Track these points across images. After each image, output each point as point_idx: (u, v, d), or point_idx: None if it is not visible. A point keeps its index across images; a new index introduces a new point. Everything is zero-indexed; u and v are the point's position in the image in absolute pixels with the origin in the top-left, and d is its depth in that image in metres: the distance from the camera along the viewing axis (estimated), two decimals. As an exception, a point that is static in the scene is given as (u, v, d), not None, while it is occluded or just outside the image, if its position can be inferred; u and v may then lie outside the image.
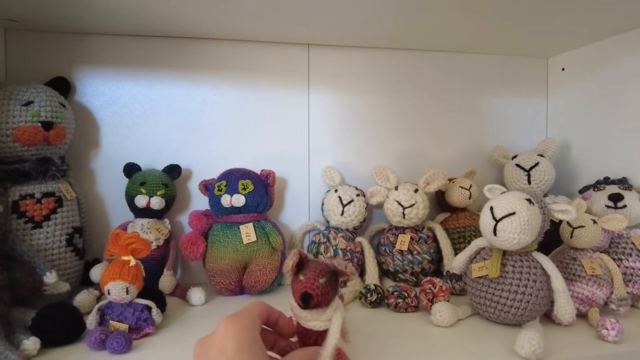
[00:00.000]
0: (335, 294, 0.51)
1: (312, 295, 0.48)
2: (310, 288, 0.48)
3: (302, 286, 0.49)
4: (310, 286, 0.48)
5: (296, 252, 0.51)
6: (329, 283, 0.49)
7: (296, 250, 0.51)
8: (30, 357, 0.57)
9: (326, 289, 0.49)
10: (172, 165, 0.89)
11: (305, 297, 0.48)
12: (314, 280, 0.48)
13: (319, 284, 0.48)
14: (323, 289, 0.48)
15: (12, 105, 0.74)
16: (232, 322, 0.42)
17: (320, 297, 0.48)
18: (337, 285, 0.51)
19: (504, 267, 0.70)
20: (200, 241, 0.84)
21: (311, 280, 0.49)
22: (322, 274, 0.49)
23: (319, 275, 0.49)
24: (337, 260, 0.49)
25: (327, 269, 0.50)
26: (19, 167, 0.75)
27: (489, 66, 1.07)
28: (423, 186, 0.90)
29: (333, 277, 0.50)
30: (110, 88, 0.91)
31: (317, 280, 0.48)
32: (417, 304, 0.78)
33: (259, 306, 0.48)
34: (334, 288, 0.50)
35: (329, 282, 0.49)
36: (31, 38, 0.87)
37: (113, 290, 0.64)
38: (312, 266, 0.50)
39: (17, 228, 0.74)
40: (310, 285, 0.48)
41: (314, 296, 0.48)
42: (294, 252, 0.51)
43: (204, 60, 0.93)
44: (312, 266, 0.50)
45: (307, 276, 0.49)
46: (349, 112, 1.01)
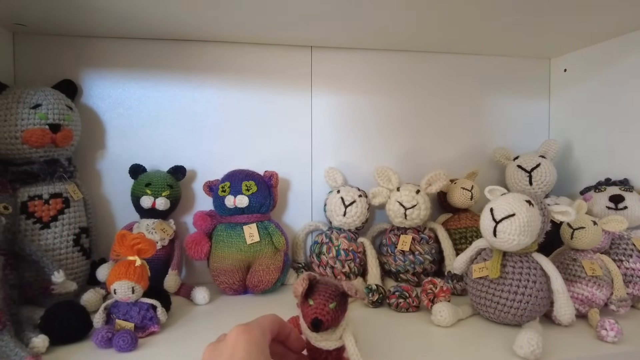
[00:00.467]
0: (344, 315, 0.51)
1: (323, 321, 0.48)
2: (321, 314, 0.48)
3: (312, 312, 0.49)
4: (321, 312, 0.48)
5: (305, 278, 0.51)
6: (338, 307, 0.49)
7: (305, 275, 0.51)
8: (39, 354, 0.58)
9: (336, 314, 0.49)
10: (176, 167, 0.90)
11: (316, 322, 0.48)
12: (323, 305, 0.48)
13: (329, 310, 0.48)
14: (333, 314, 0.49)
15: (20, 108, 0.76)
16: (244, 331, 0.43)
17: (330, 322, 0.49)
18: (346, 306, 0.51)
19: (504, 267, 0.71)
20: (205, 241, 0.85)
21: (321, 305, 0.49)
22: (331, 299, 0.49)
23: (328, 300, 0.49)
24: (347, 284, 0.49)
25: (336, 292, 0.50)
26: (28, 169, 0.77)
27: (491, 67, 1.07)
28: (425, 187, 0.91)
29: (342, 300, 0.50)
30: (115, 90, 0.92)
31: (327, 306, 0.48)
32: (418, 304, 0.78)
33: (272, 319, 0.48)
34: (343, 310, 0.50)
35: (339, 306, 0.49)
36: (38, 42, 0.89)
37: (119, 289, 0.65)
38: (321, 289, 0.50)
39: (26, 228, 0.76)
40: (321, 311, 0.48)
41: (325, 322, 0.48)
42: (302, 277, 0.51)
43: (208, 62, 0.95)
44: (321, 289, 0.50)
45: (317, 301, 0.49)
46: (352, 114, 1.01)
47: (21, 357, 0.56)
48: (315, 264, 0.91)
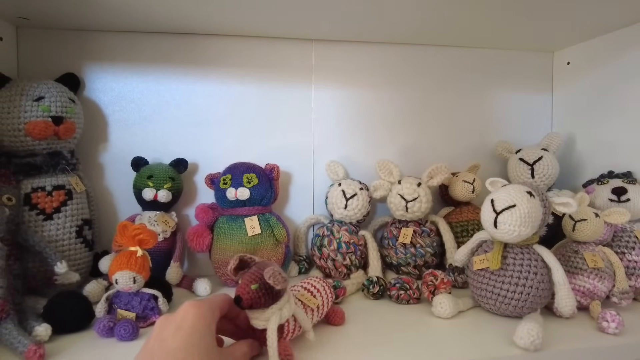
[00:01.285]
0: (273, 298, 0.54)
1: (243, 299, 0.53)
2: (242, 292, 0.53)
3: (237, 289, 0.54)
4: (242, 290, 0.53)
5: (236, 257, 0.56)
6: (261, 288, 0.53)
7: (237, 256, 0.56)
8: (42, 342, 0.59)
9: (258, 294, 0.53)
10: (178, 159, 0.91)
11: (236, 299, 0.53)
12: (246, 285, 0.53)
13: (249, 289, 0.53)
14: (254, 293, 0.53)
15: (23, 100, 0.76)
16: (194, 306, 0.48)
17: (251, 300, 0.53)
18: (277, 291, 0.55)
19: (504, 259, 0.71)
20: (206, 233, 0.86)
21: (244, 285, 0.54)
22: (255, 280, 0.53)
23: (252, 281, 0.53)
24: (270, 270, 0.53)
25: (259, 276, 0.54)
26: (31, 161, 0.78)
27: (493, 61, 1.07)
28: (426, 180, 0.91)
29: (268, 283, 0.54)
30: (118, 84, 0.92)
31: (248, 286, 0.53)
32: (419, 296, 0.79)
33: (223, 298, 0.54)
34: (270, 293, 0.54)
35: (262, 288, 0.53)
36: (41, 35, 0.89)
37: (121, 279, 0.66)
38: (251, 271, 0.55)
39: (29, 220, 0.76)
40: (242, 289, 0.53)
41: (245, 300, 0.53)
42: (235, 256, 0.56)
43: (209, 56, 0.95)
44: (251, 271, 0.55)
45: (243, 280, 0.54)
46: (353, 107, 1.01)
47: (24, 345, 0.57)
48: (316, 257, 0.91)
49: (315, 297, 0.66)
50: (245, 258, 0.58)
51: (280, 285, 0.53)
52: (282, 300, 0.57)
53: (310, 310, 0.64)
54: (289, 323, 0.59)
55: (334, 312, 0.70)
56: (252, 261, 0.58)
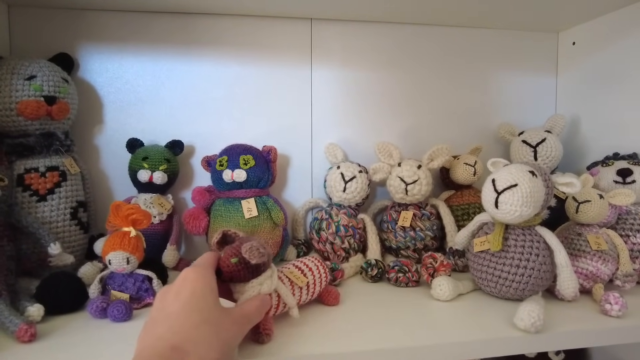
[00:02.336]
0: (252, 273, 0.55)
1: (223, 272, 0.54)
2: (222, 265, 0.54)
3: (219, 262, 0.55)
4: (222, 264, 0.55)
5: (220, 232, 0.58)
6: (240, 263, 0.54)
7: (220, 230, 0.58)
8: (34, 322, 0.58)
9: (237, 267, 0.54)
10: (174, 141, 0.89)
11: (217, 272, 0.54)
12: (227, 259, 0.54)
13: (229, 263, 0.54)
14: (233, 267, 0.54)
15: (14, 79, 0.75)
16: (191, 270, 0.50)
17: (231, 274, 0.54)
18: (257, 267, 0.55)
19: (506, 241, 0.69)
20: (203, 216, 0.85)
21: (225, 258, 0.55)
22: (234, 255, 0.54)
23: (232, 255, 0.54)
24: (248, 245, 0.54)
25: (239, 251, 0.54)
26: (23, 141, 0.76)
27: (496, 41, 1.04)
28: (427, 162, 0.89)
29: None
30: (113, 65, 0.91)
31: (229, 259, 0.54)
32: (418, 279, 0.77)
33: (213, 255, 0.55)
34: (248, 267, 0.54)
35: (241, 262, 0.54)
36: (34, 14, 0.87)
37: (114, 260, 0.65)
38: (233, 246, 0.56)
39: (23, 201, 0.75)
40: (223, 262, 0.55)
41: (224, 273, 0.54)
42: (219, 231, 0.58)
43: (205, 35, 0.93)
44: (233, 246, 0.56)
45: (225, 254, 0.55)
46: (353, 88, 0.99)
47: (15, 324, 0.56)
48: (315, 240, 0.90)
49: (306, 275, 0.66)
50: (230, 232, 0.59)
51: (255, 260, 0.53)
52: (264, 275, 0.57)
53: (298, 289, 0.63)
54: (271, 298, 0.58)
55: (328, 292, 0.69)
56: (237, 236, 0.59)
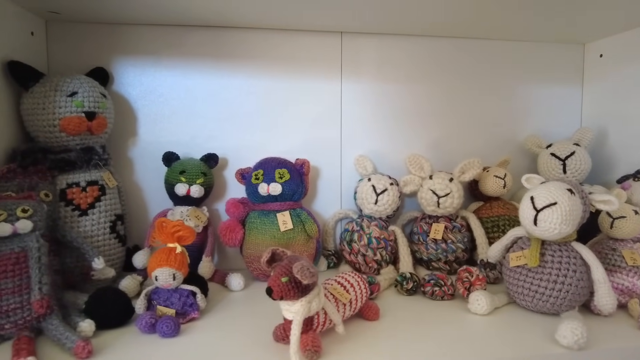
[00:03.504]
0: (302, 291, 0.57)
1: (273, 290, 0.56)
2: (273, 284, 0.56)
3: (269, 281, 0.57)
4: (273, 283, 0.56)
5: (269, 250, 0.59)
6: (291, 282, 0.56)
7: (269, 249, 0.60)
8: (88, 338, 0.60)
9: (287, 287, 0.56)
10: (209, 154, 0.90)
11: (267, 290, 0.56)
12: (277, 278, 0.56)
13: (280, 282, 0.56)
14: (284, 286, 0.56)
15: (57, 96, 0.76)
16: None
17: (281, 292, 0.56)
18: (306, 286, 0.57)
19: (542, 256, 0.70)
20: (238, 228, 0.86)
21: (275, 277, 0.56)
22: (284, 274, 0.56)
23: (282, 274, 0.56)
24: (299, 265, 0.55)
25: (289, 270, 0.56)
26: (65, 157, 0.78)
27: (523, 53, 1.05)
28: (458, 175, 0.90)
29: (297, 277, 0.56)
30: (147, 78, 0.92)
31: (279, 279, 0.56)
32: (453, 292, 0.78)
33: None
34: (298, 286, 0.56)
35: (292, 281, 0.56)
36: (71, 29, 0.89)
37: (161, 276, 0.66)
38: (282, 264, 0.57)
39: (65, 215, 0.77)
40: (273, 282, 0.56)
41: (275, 292, 0.56)
42: (268, 249, 0.60)
43: (237, 49, 0.94)
44: (282, 264, 0.57)
45: (274, 272, 0.57)
46: (382, 100, 1.00)
47: (72, 341, 0.58)
48: (346, 252, 0.91)
49: (349, 291, 0.67)
50: (278, 251, 0.61)
51: (307, 280, 0.55)
52: (312, 293, 0.58)
53: (342, 305, 0.64)
54: (318, 316, 0.60)
55: (368, 307, 0.70)
56: (284, 254, 0.60)
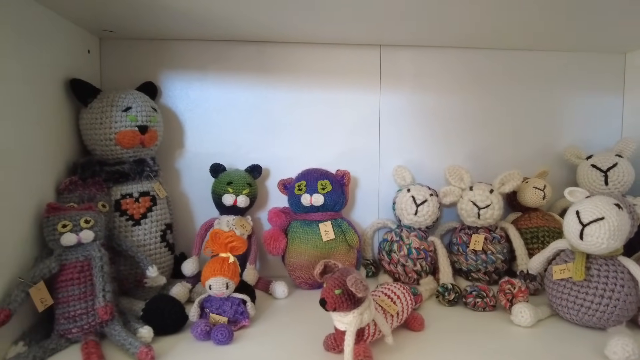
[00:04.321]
0: (354, 303, 0.58)
1: (327, 302, 0.57)
2: (326, 296, 0.58)
3: (322, 292, 0.58)
4: (327, 294, 0.58)
5: (322, 263, 0.61)
6: (344, 294, 0.57)
7: (322, 261, 0.61)
8: (149, 344, 0.63)
9: (341, 299, 0.57)
10: (253, 165, 0.93)
11: (321, 302, 0.58)
12: (330, 290, 0.58)
13: (333, 294, 0.57)
14: (337, 298, 0.57)
15: (114, 111, 0.80)
16: None
17: (334, 304, 0.57)
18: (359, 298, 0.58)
19: (588, 270, 0.70)
20: (282, 237, 0.88)
21: (328, 289, 0.58)
22: (338, 286, 0.57)
23: (335, 287, 0.58)
24: (353, 279, 0.56)
25: (342, 283, 0.57)
26: (119, 169, 0.81)
27: (562, 63, 1.04)
28: (498, 186, 0.91)
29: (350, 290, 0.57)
30: (194, 91, 0.96)
31: (332, 291, 0.57)
32: (495, 304, 0.79)
33: None
34: (351, 298, 0.57)
35: (345, 293, 0.57)
36: (122, 46, 0.93)
37: (214, 285, 0.69)
38: (335, 276, 0.59)
39: (120, 225, 0.81)
40: (327, 293, 0.58)
41: (329, 303, 0.57)
42: (320, 262, 0.61)
43: (280, 63, 0.97)
44: (335, 276, 0.59)
45: (327, 285, 0.59)
46: (420, 111, 1.01)
47: (135, 346, 0.61)
48: (385, 262, 0.93)
49: (396, 303, 0.68)
50: (330, 264, 0.62)
51: (361, 294, 0.56)
52: (363, 305, 0.60)
53: (390, 316, 0.66)
54: (369, 327, 0.62)
55: (413, 318, 0.72)
56: (336, 267, 0.62)
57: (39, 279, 0.63)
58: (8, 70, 0.63)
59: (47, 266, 0.65)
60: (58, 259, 0.66)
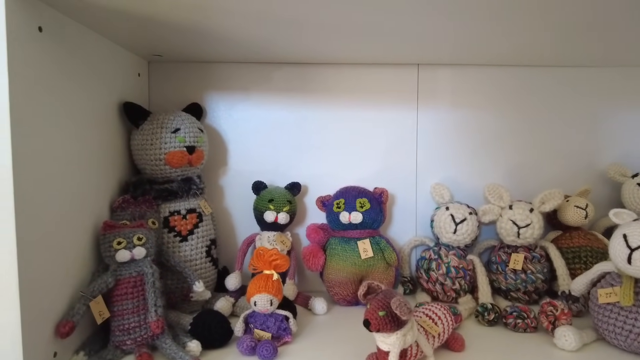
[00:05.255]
0: (398, 325, 0.59)
1: (371, 323, 0.58)
2: (370, 317, 0.59)
3: (366, 313, 0.59)
4: (370, 316, 0.59)
5: (365, 284, 0.62)
6: (388, 316, 0.58)
7: (365, 282, 0.62)
8: (196, 357, 0.66)
9: (385, 320, 0.58)
10: (293, 183, 0.96)
11: (365, 323, 0.59)
12: (374, 311, 0.59)
13: (377, 316, 0.58)
14: (381, 320, 0.58)
15: (163, 133, 0.84)
16: None
17: (378, 325, 0.58)
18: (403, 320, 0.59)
19: (637, 295, 0.69)
20: (321, 254, 0.90)
21: (372, 310, 0.59)
22: (382, 308, 0.58)
23: (379, 308, 0.58)
24: (397, 301, 0.57)
25: (387, 305, 0.58)
26: (168, 187, 0.86)
27: (602, 79, 1.03)
28: (538, 205, 0.90)
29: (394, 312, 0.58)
30: (236, 112, 0.99)
31: (376, 312, 0.58)
32: (536, 325, 0.78)
33: None
34: (395, 320, 0.58)
35: (389, 315, 0.58)
36: (169, 68, 0.98)
37: (259, 302, 0.72)
38: (379, 297, 0.60)
39: (168, 241, 0.84)
40: (371, 315, 0.59)
41: (373, 324, 0.58)
42: (364, 283, 0.62)
43: (320, 83, 1.00)
44: (379, 297, 0.60)
45: (371, 306, 0.59)
46: (458, 129, 1.02)
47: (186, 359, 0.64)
48: (423, 280, 0.93)
49: (437, 324, 0.69)
50: (373, 285, 0.63)
51: (405, 316, 0.57)
52: (407, 327, 0.61)
53: (431, 337, 0.67)
54: (411, 348, 0.63)
55: (454, 338, 0.72)
56: (379, 288, 0.63)
57: (98, 293, 0.67)
58: (69, 94, 0.68)
59: (105, 281, 0.69)
60: (114, 274, 0.70)
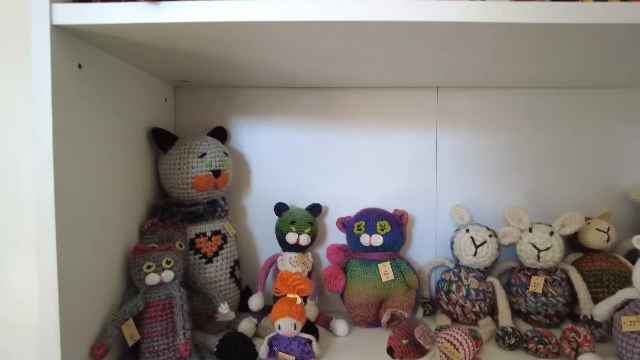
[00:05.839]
0: (420, 352, 0.61)
1: (394, 351, 0.61)
2: (394, 345, 0.61)
3: (390, 341, 0.62)
4: (394, 343, 0.61)
5: (388, 312, 0.66)
6: (411, 344, 0.61)
7: (389, 311, 0.66)
8: (224, 381, 0.68)
9: (408, 349, 0.60)
10: (314, 204, 0.98)
11: (389, 351, 0.61)
12: (398, 339, 0.61)
13: (401, 344, 0.61)
14: (404, 348, 0.60)
15: (190, 157, 0.87)
16: None
17: (401, 353, 0.61)
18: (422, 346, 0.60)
19: (661, 323, 0.69)
20: (342, 275, 0.92)
21: (396, 338, 0.61)
22: (405, 336, 0.61)
23: (402, 336, 0.61)
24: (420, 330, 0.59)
25: (410, 333, 0.60)
26: (195, 210, 0.88)
27: (623, 100, 1.02)
28: (558, 228, 0.90)
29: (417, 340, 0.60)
30: (260, 135, 1.02)
31: (400, 340, 0.61)
32: (558, 351, 0.78)
33: None
34: (418, 348, 0.61)
35: (412, 343, 0.60)
36: (194, 93, 1.01)
37: (284, 325, 0.73)
38: (402, 325, 0.62)
39: (194, 263, 0.87)
40: (394, 342, 0.61)
41: (396, 352, 0.61)
42: (387, 312, 0.65)
43: (340, 107, 1.02)
44: (402, 325, 0.62)
45: (395, 334, 0.62)
46: (477, 151, 1.03)
47: (213, 383, 0.66)
48: (443, 302, 0.94)
49: (459, 350, 0.70)
50: (397, 313, 0.65)
51: (429, 345, 0.59)
52: (429, 354, 0.62)
53: None
54: None
55: None
56: (402, 316, 0.66)
57: (129, 316, 0.70)
58: (103, 122, 0.71)
59: (135, 304, 0.71)
60: (144, 297, 0.73)
